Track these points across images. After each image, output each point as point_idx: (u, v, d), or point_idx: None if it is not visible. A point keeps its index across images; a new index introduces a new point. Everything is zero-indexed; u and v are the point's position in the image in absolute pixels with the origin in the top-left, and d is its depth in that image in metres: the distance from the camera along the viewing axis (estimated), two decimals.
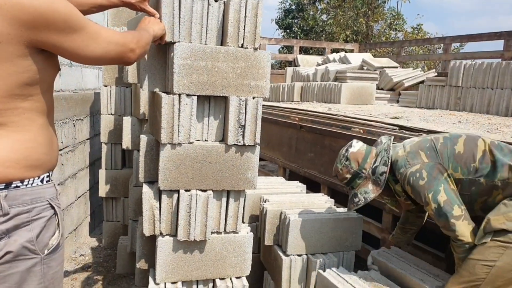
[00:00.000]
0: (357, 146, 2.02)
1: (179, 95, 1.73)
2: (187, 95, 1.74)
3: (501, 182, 1.71)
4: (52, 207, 1.11)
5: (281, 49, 14.26)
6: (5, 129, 1.02)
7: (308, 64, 7.23)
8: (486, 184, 1.74)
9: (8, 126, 1.02)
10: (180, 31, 1.71)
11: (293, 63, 7.55)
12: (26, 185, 1.05)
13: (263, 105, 4.72)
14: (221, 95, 1.79)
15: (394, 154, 1.91)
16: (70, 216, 3.22)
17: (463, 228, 1.69)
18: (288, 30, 15.36)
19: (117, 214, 3.38)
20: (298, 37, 14.05)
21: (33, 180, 1.07)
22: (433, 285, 1.89)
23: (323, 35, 13.71)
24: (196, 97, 1.76)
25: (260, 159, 4.78)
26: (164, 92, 1.79)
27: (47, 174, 1.12)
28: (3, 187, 1.01)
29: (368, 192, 1.92)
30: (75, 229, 3.33)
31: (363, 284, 2.01)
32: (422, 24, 13.37)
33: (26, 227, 1.04)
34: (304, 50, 12.37)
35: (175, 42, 1.70)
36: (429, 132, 2.53)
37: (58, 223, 1.14)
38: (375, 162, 1.93)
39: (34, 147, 1.06)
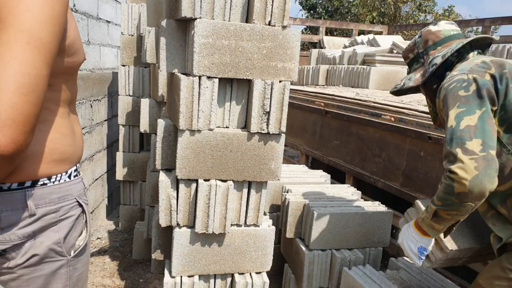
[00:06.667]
0: (442, 26, 1.60)
1: (200, 77, 1.58)
2: (208, 77, 1.59)
3: None
4: (80, 205, 1.00)
5: (304, 30, 13.88)
6: None
7: (334, 46, 6.95)
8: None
9: None
10: (201, 6, 1.55)
11: (318, 45, 7.27)
12: (54, 182, 0.93)
13: None
14: (245, 77, 1.63)
15: (467, 56, 1.52)
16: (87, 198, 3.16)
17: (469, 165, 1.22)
18: (312, 11, 14.92)
19: (134, 198, 3.32)
20: (322, 18, 13.64)
21: (61, 176, 0.94)
22: None
23: (349, 17, 13.25)
24: (217, 79, 1.60)
25: None
26: (183, 74, 1.65)
27: (75, 168, 1.00)
28: (29, 185, 0.88)
29: (412, 79, 1.61)
30: (92, 212, 3.28)
31: (392, 285, 1.87)
32: (454, 6, 12.75)
33: (53, 228, 0.93)
34: (329, 32, 11.99)
35: (196, 18, 1.54)
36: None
37: (85, 222, 1.02)
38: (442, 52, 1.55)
39: (58, 138, 0.93)
